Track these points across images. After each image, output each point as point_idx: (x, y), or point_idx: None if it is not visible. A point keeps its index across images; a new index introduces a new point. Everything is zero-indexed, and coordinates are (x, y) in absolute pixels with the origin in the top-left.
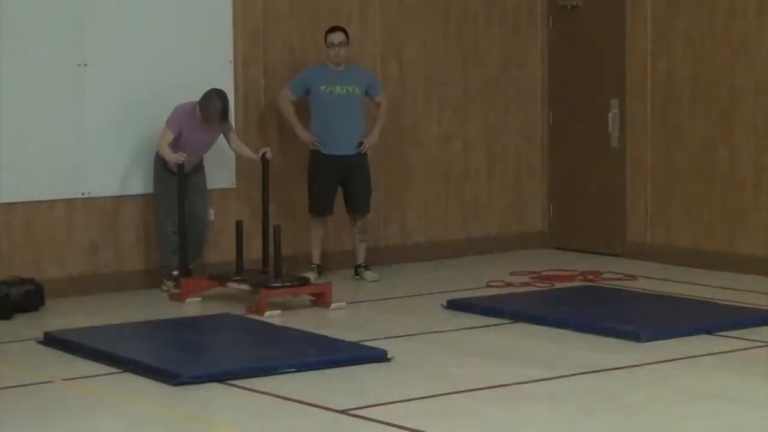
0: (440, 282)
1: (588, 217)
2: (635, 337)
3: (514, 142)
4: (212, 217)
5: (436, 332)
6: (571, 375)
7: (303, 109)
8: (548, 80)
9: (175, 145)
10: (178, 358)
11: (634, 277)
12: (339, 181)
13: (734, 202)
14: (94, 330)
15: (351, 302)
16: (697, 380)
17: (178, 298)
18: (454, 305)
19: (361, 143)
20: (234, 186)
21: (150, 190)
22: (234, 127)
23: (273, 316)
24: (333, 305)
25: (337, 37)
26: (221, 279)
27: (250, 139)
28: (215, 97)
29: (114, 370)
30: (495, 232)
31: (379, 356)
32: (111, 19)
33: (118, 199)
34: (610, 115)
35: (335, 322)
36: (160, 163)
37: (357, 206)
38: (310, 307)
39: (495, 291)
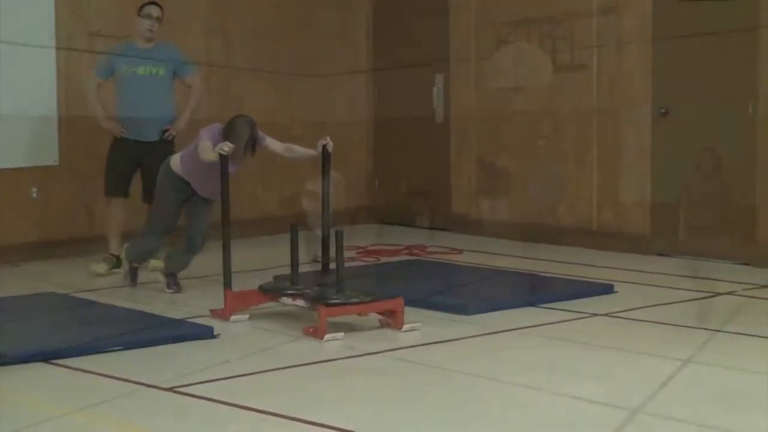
0: (267, 259)
1: (414, 192)
2: (462, 310)
3: (341, 118)
4: (34, 195)
5: (262, 308)
6: (399, 348)
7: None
8: (373, 56)
9: (195, 170)
10: (0, 337)
11: (459, 251)
12: (137, 166)
13: (558, 175)
14: None
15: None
16: (523, 351)
17: (222, 315)
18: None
19: (166, 130)
20: (57, 163)
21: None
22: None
23: (335, 339)
24: (406, 326)
25: (155, 10)
26: (273, 293)
27: (77, 122)
28: (243, 125)
29: None
30: None
31: (205, 333)
32: None
33: None
34: (434, 89)
35: (162, 299)
36: (172, 174)
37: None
38: (380, 328)
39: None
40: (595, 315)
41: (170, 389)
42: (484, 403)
